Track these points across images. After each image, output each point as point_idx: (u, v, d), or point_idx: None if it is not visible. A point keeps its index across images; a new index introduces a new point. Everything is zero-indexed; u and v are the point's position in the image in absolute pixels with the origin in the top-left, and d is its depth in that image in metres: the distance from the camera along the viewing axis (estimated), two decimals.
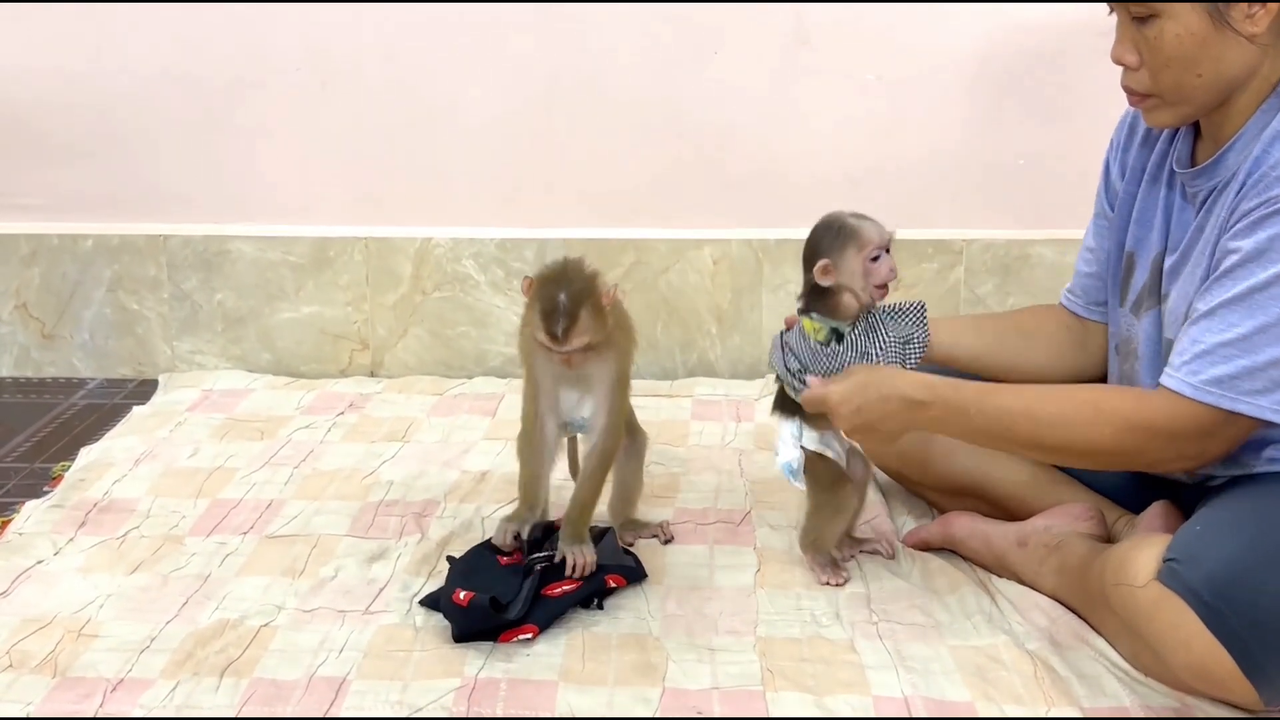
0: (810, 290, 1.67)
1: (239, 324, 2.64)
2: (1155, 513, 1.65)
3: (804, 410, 1.68)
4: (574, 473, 1.87)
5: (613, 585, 1.69)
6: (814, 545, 1.75)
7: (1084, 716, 1.44)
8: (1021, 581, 1.69)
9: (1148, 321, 1.64)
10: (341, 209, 2.62)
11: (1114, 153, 1.75)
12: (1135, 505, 1.71)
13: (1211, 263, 1.49)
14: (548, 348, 1.64)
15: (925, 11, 2.45)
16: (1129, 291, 1.69)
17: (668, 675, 1.52)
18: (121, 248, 2.62)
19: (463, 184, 2.59)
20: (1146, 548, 1.46)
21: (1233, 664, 1.35)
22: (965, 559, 1.79)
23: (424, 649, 1.58)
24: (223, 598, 1.70)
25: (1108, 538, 1.69)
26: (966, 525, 1.79)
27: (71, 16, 2.51)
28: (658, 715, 1.45)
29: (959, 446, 1.83)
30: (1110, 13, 1.53)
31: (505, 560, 1.72)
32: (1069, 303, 1.84)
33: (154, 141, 2.59)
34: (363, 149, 2.58)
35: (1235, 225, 1.45)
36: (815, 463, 1.70)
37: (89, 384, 2.64)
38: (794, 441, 1.70)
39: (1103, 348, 1.79)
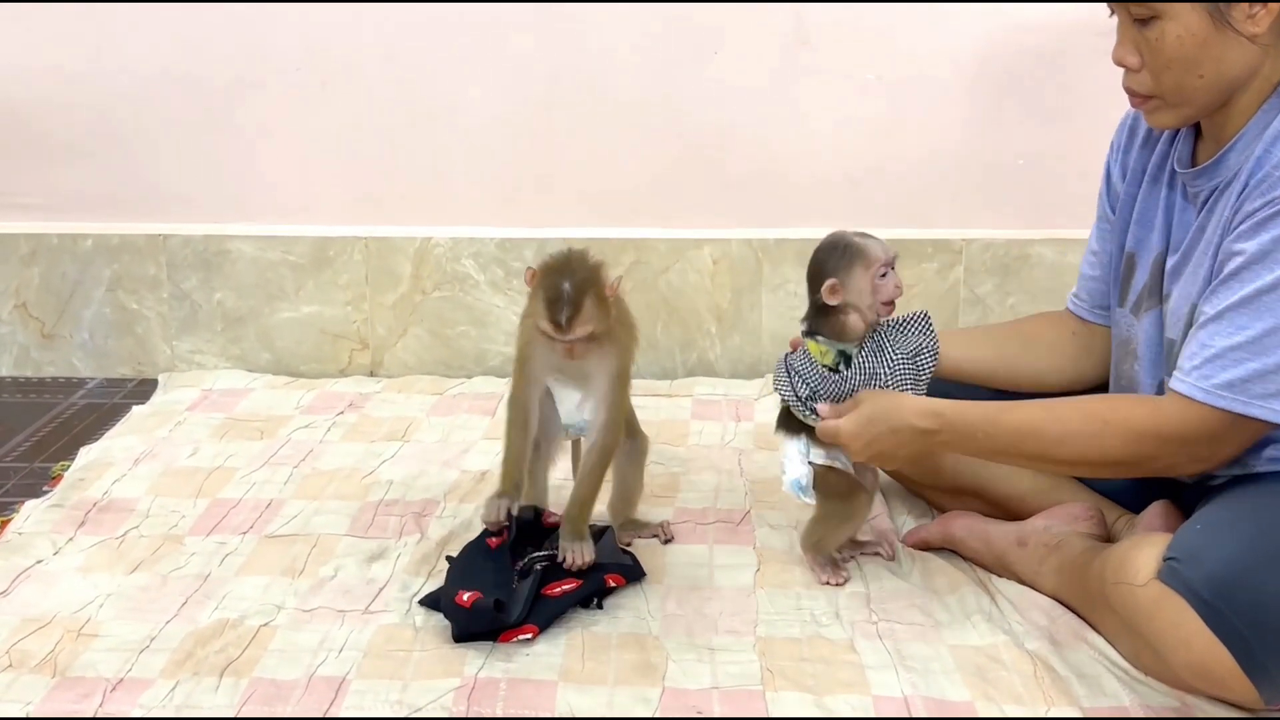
0: (814, 311, 1.67)
1: (239, 324, 2.64)
2: (1155, 512, 1.65)
3: (809, 427, 1.68)
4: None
5: (612, 585, 1.69)
6: (816, 547, 1.75)
7: (1084, 716, 1.44)
8: (1021, 581, 1.69)
9: (1148, 322, 1.64)
10: (341, 209, 2.62)
11: (1114, 155, 1.75)
12: (1135, 505, 1.71)
13: (1214, 263, 1.49)
14: (550, 337, 1.63)
15: (925, 11, 2.45)
16: (1129, 292, 1.69)
17: (667, 675, 1.52)
18: (121, 247, 2.62)
19: (462, 184, 2.59)
20: (1147, 547, 1.47)
21: (1233, 663, 1.35)
22: (965, 559, 1.79)
23: (424, 649, 1.57)
24: (222, 597, 1.70)
25: (1107, 537, 1.69)
26: (966, 525, 1.79)
27: (71, 16, 2.51)
28: (657, 715, 1.45)
29: None
30: (1111, 14, 1.53)
31: (495, 541, 1.71)
32: (1075, 307, 1.84)
33: (154, 141, 2.59)
34: (362, 149, 2.58)
35: (1239, 227, 1.45)
36: (826, 475, 1.70)
37: (89, 384, 2.64)
38: (801, 458, 1.70)
39: (1110, 351, 1.79)
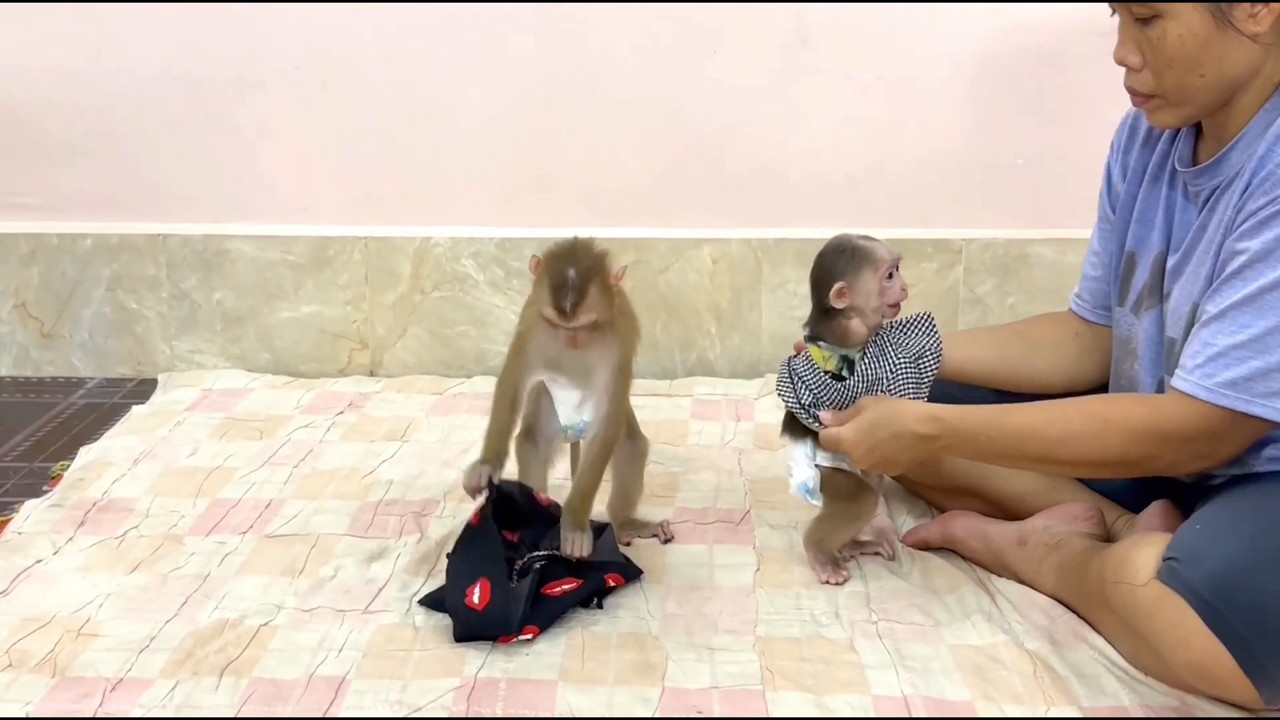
0: (817, 315, 1.67)
1: (238, 323, 2.64)
2: (1155, 512, 1.65)
3: (814, 431, 1.68)
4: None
5: (612, 584, 1.69)
6: (819, 545, 1.75)
7: (1083, 716, 1.44)
8: (1021, 581, 1.69)
9: (1148, 321, 1.64)
10: (341, 208, 2.62)
11: (1115, 155, 1.75)
12: (1135, 504, 1.72)
13: (1216, 262, 1.49)
14: (553, 324, 1.63)
15: (925, 11, 2.45)
16: (1129, 291, 1.69)
17: (667, 675, 1.52)
18: (121, 247, 2.62)
19: (462, 183, 2.59)
20: (1146, 546, 1.47)
21: (1232, 662, 1.35)
22: (965, 558, 1.79)
23: (423, 648, 1.57)
24: (222, 597, 1.70)
25: (1107, 537, 1.69)
26: (966, 525, 1.79)
27: (71, 16, 2.51)
28: (657, 715, 1.45)
29: None
30: (1112, 14, 1.53)
31: (476, 517, 1.68)
32: (1078, 307, 1.84)
33: (153, 141, 2.59)
34: (362, 149, 2.58)
35: (1241, 225, 1.45)
36: (833, 476, 1.71)
37: (88, 383, 2.64)
38: (808, 461, 1.70)
39: (1111, 351, 1.79)
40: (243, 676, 1.51)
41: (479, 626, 1.58)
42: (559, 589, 1.64)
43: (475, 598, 1.59)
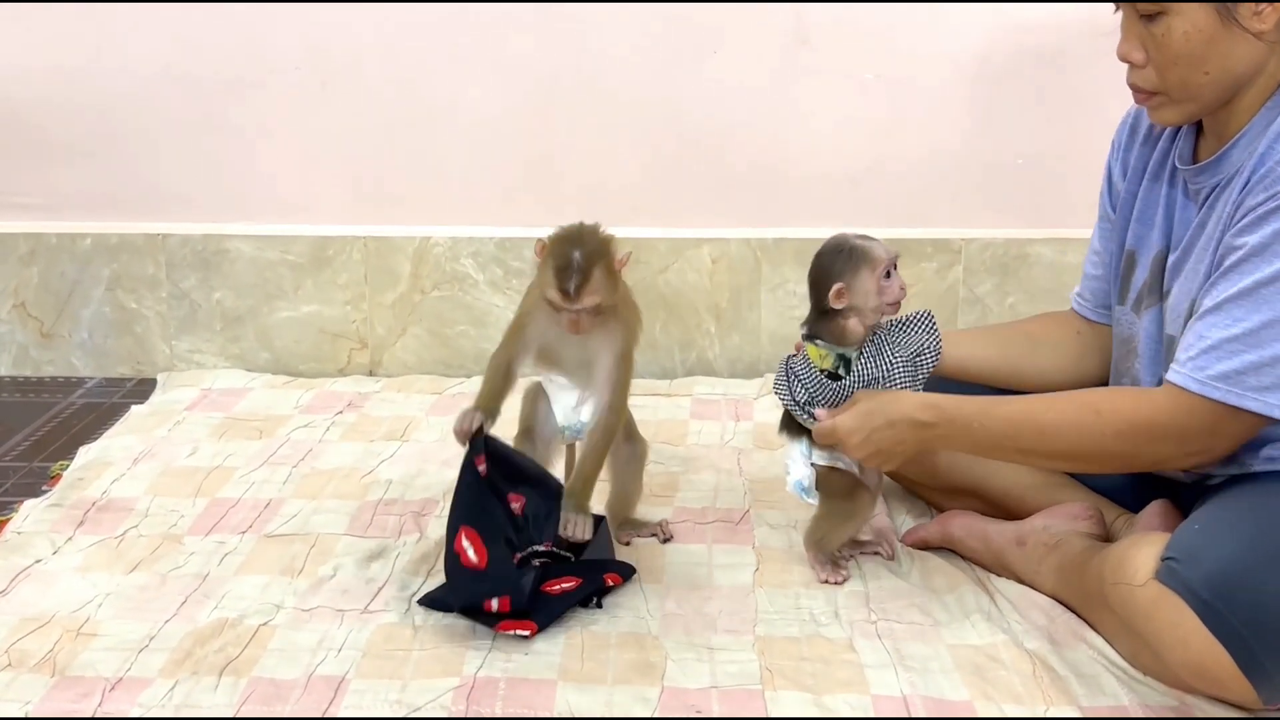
0: (815, 315, 1.67)
1: (237, 323, 2.64)
2: (1154, 511, 1.65)
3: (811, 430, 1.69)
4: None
5: (611, 584, 1.69)
6: (818, 545, 1.75)
7: (1083, 715, 1.44)
8: (1020, 580, 1.69)
9: (1148, 319, 1.64)
10: (340, 208, 2.62)
11: (1115, 153, 1.75)
12: (1134, 504, 1.71)
13: (1214, 259, 1.49)
14: (558, 306, 1.62)
15: (925, 11, 2.45)
16: (1130, 289, 1.69)
17: (666, 674, 1.52)
18: (120, 247, 2.62)
19: (461, 183, 2.59)
20: (1145, 546, 1.46)
21: (1231, 663, 1.35)
22: (964, 558, 1.79)
23: (423, 648, 1.57)
24: (221, 597, 1.70)
25: (1106, 537, 1.69)
26: (965, 524, 1.79)
27: (71, 16, 2.51)
28: (657, 715, 1.45)
29: None
30: (1116, 10, 1.53)
31: (480, 462, 1.65)
32: (1079, 306, 1.84)
33: (153, 140, 2.59)
34: (362, 148, 2.58)
35: (1240, 221, 1.45)
36: (829, 475, 1.71)
37: (87, 383, 2.64)
38: (804, 460, 1.70)
39: (1113, 351, 1.79)
40: (242, 676, 1.51)
41: (480, 589, 1.55)
42: (558, 587, 1.64)
43: (471, 555, 1.56)
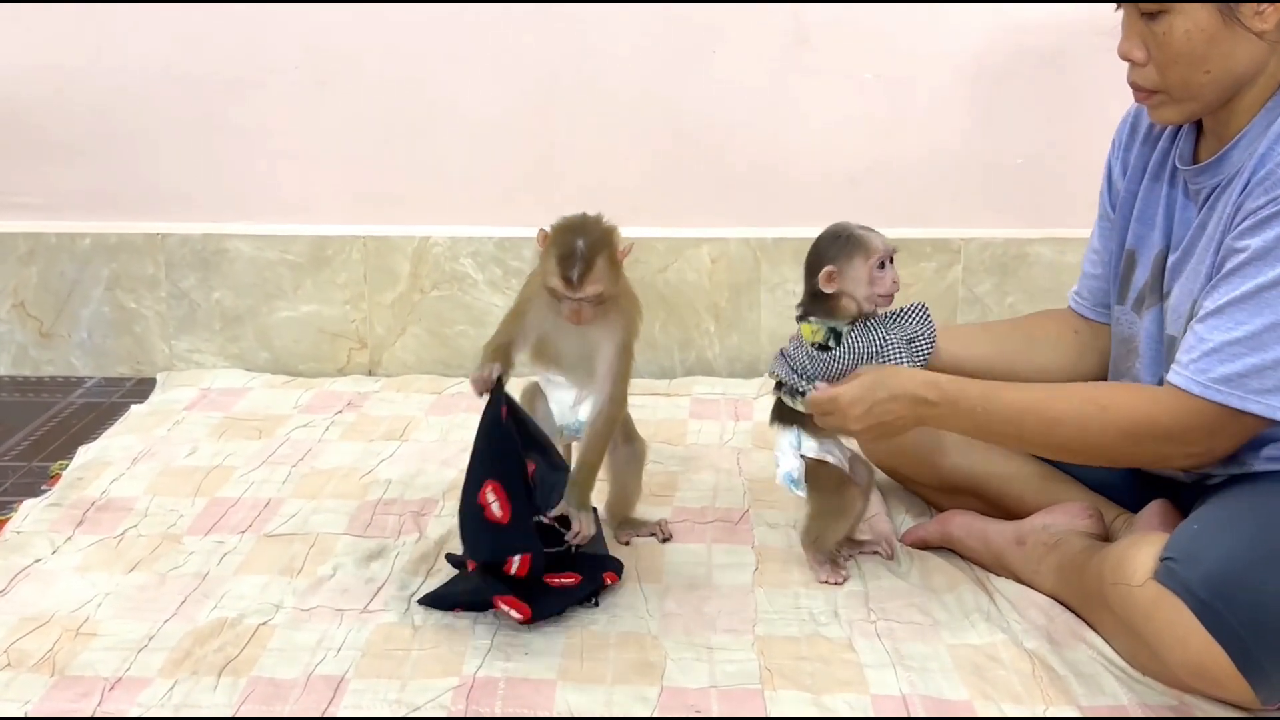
0: (809, 299, 1.67)
1: (237, 323, 2.64)
2: (1153, 511, 1.65)
3: (803, 419, 1.68)
4: None
5: (608, 583, 1.69)
6: (815, 544, 1.75)
7: (1082, 715, 1.44)
8: (1019, 580, 1.69)
9: (1149, 319, 1.64)
10: (339, 208, 2.62)
11: (1115, 152, 1.75)
12: (1133, 504, 1.71)
13: (1215, 260, 1.49)
14: (560, 294, 1.62)
15: (924, 11, 2.45)
16: (1130, 289, 1.69)
17: (666, 674, 1.52)
18: (119, 246, 2.62)
19: (461, 183, 2.59)
20: (1144, 546, 1.47)
21: (1229, 663, 1.36)
22: (963, 557, 1.79)
23: (422, 648, 1.57)
24: (221, 596, 1.70)
25: (1106, 536, 1.69)
26: (964, 524, 1.79)
27: (70, 15, 2.51)
28: (656, 715, 1.45)
29: (957, 445, 1.83)
30: (1117, 9, 1.52)
31: (504, 412, 1.64)
32: (1077, 305, 1.84)
33: (152, 140, 2.59)
34: (361, 148, 2.58)
35: (1241, 223, 1.45)
36: (817, 469, 1.70)
37: (87, 383, 2.64)
38: (793, 451, 1.70)
39: (1110, 350, 1.78)
40: (241, 676, 1.51)
41: (504, 544, 1.55)
42: (558, 581, 1.63)
43: (496, 509, 1.55)
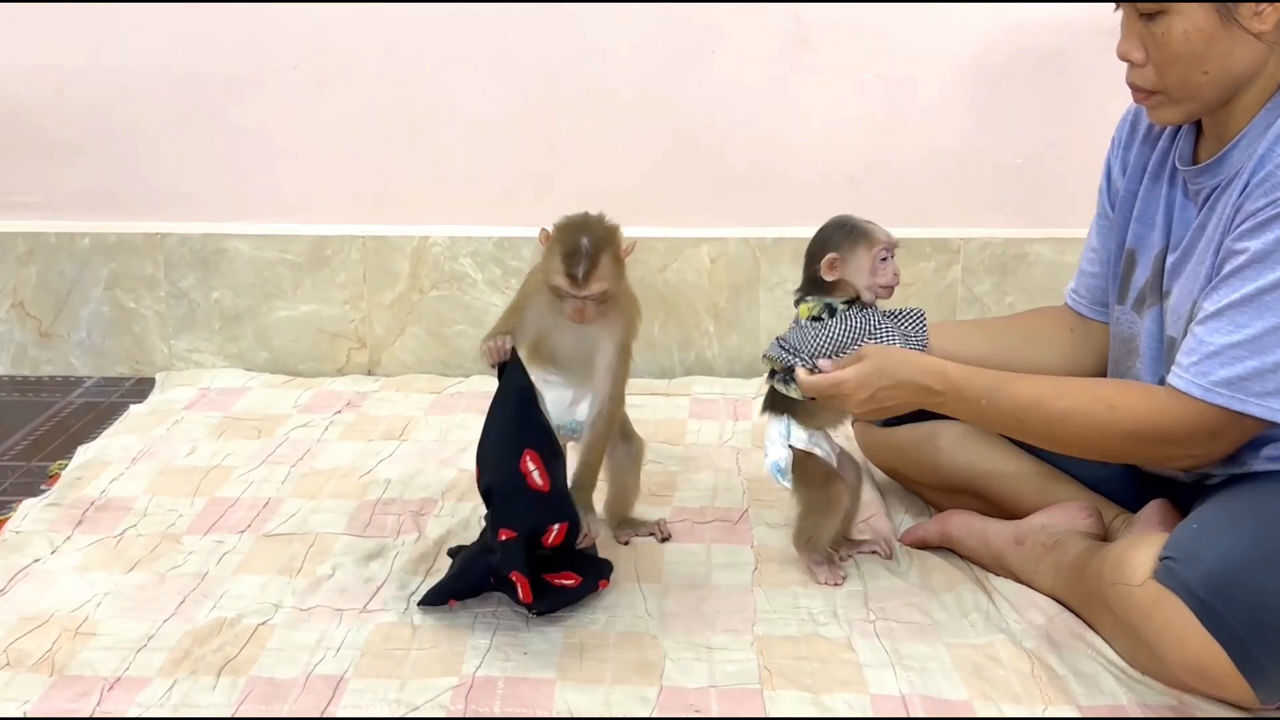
0: (809, 285, 1.67)
1: (236, 322, 2.64)
2: (1152, 511, 1.65)
3: (793, 409, 1.68)
4: None
5: (600, 588, 1.69)
6: (808, 545, 1.75)
7: (1081, 715, 1.44)
8: (1019, 580, 1.69)
9: (1149, 319, 1.64)
10: (339, 207, 2.61)
11: (1115, 151, 1.75)
12: (1132, 503, 1.71)
13: (1215, 260, 1.49)
14: (564, 292, 1.62)
15: (924, 11, 2.45)
16: (1130, 289, 1.69)
17: (665, 674, 1.52)
18: (119, 246, 2.62)
19: (460, 182, 2.59)
20: (1144, 546, 1.47)
21: (1229, 662, 1.36)
22: (962, 557, 1.79)
23: (421, 647, 1.57)
24: (220, 596, 1.70)
25: (1105, 536, 1.69)
26: (964, 524, 1.79)
27: (70, 15, 2.51)
28: (655, 714, 1.45)
29: (956, 445, 1.83)
30: (1116, 9, 1.52)
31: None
32: (1074, 303, 1.84)
33: (151, 140, 2.59)
34: (360, 148, 2.58)
35: (1241, 225, 1.45)
36: (803, 461, 1.70)
37: (86, 382, 2.64)
38: (782, 441, 1.70)
39: (1107, 348, 1.78)
40: (240, 675, 1.51)
41: (545, 512, 1.56)
42: (558, 581, 1.63)
43: (537, 477, 1.54)
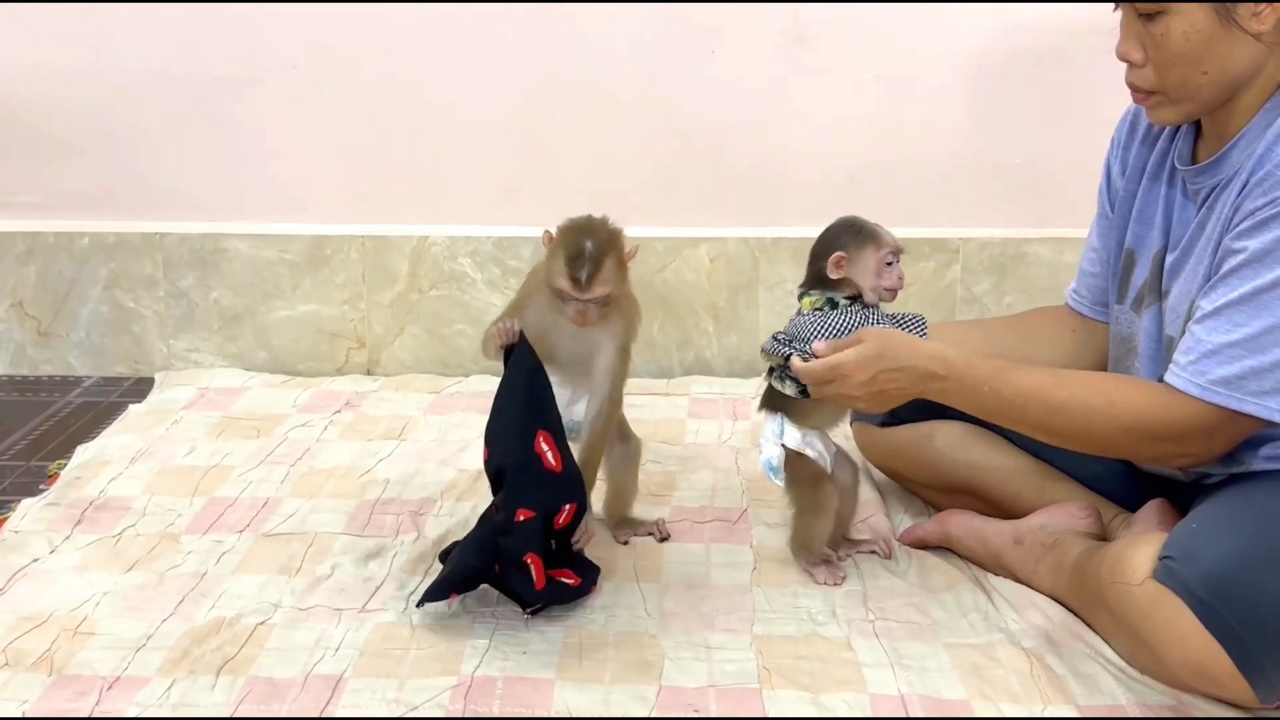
0: (813, 282, 1.67)
1: (235, 322, 2.64)
2: (1151, 511, 1.65)
3: (788, 408, 1.68)
4: None
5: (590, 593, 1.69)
6: (804, 547, 1.75)
7: (1080, 715, 1.44)
8: (1018, 580, 1.69)
9: (1148, 319, 1.64)
10: (338, 207, 2.61)
11: (1115, 150, 1.75)
12: (1131, 503, 1.72)
13: (1214, 260, 1.49)
14: (567, 295, 1.62)
15: (923, 11, 2.45)
16: (1129, 288, 1.69)
17: (664, 673, 1.52)
18: (118, 245, 2.61)
19: (459, 182, 2.59)
20: (1143, 546, 1.47)
21: (1229, 662, 1.36)
22: (961, 557, 1.79)
23: (420, 647, 1.57)
24: (219, 596, 1.70)
25: (1104, 536, 1.69)
26: (963, 523, 1.79)
27: (70, 15, 2.51)
28: (654, 714, 1.45)
29: (955, 444, 1.83)
30: (1115, 9, 1.53)
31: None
32: (1075, 303, 1.84)
33: (151, 139, 2.58)
34: (359, 147, 2.58)
35: (1240, 225, 1.45)
36: (795, 461, 1.70)
37: (85, 382, 2.64)
38: (775, 439, 1.70)
39: (1108, 349, 1.78)
40: (239, 675, 1.51)
41: (558, 493, 1.55)
42: (559, 577, 1.63)
43: (550, 458, 1.54)
